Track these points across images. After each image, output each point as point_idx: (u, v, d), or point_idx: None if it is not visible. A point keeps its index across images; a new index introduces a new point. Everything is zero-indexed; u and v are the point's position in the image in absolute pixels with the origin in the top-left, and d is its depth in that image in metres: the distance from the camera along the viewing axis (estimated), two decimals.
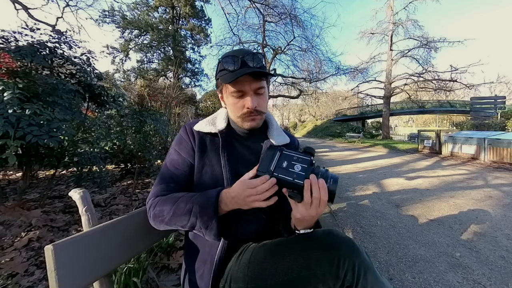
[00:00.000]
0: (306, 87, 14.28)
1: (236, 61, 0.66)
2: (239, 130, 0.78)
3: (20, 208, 2.10)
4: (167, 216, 0.64)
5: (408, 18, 17.80)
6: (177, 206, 0.64)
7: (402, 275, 1.59)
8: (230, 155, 0.72)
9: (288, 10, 11.45)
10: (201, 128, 0.75)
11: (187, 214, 0.62)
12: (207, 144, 0.74)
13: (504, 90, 23.29)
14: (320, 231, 0.65)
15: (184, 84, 17.22)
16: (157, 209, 0.67)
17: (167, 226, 0.66)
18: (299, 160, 0.59)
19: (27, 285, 1.29)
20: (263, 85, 0.70)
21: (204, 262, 0.69)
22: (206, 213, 0.60)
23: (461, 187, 3.88)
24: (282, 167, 0.58)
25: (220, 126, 0.75)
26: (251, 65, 0.67)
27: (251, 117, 0.71)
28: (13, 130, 1.51)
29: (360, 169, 5.76)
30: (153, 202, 0.69)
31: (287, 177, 0.56)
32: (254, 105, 0.68)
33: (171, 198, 0.67)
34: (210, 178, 0.71)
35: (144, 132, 2.93)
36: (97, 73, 2.78)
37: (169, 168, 0.74)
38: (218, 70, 0.72)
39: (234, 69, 0.66)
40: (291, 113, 49.38)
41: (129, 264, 1.29)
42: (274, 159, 0.59)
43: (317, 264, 0.58)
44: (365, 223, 2.46)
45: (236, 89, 0.68)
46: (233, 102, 0.70)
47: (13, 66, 1.95)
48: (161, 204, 0.67)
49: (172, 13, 17.07)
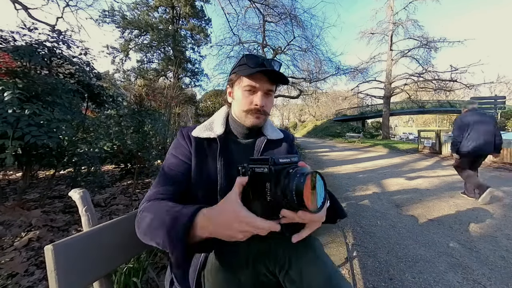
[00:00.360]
0: (306, 87, 14.26)
1: (258, 61, 0.71)
2: (238, 131, 0.79)
3: (20, 208, 2.10)
4: (145, 225, 0.58)
5: (408, 18, 17.84)
6: (156, 215, 0.57)
7: (402, 275, 1.59)
8: (227, 160, 0.73)
9: (288, 10, 11.43)
10: (199, 133, 0.76)
11: (161, 228, 0.53)
12: (204, 149, 0.75)
13: (504, 90, 23.28)
14: None
15: (184, 84, 17.20)
16: (142, 214, 0.61)
17: (145, 239, 0.58)
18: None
19: (27, 285, 1.29)
20: (274, 89, 0.76)
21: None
22: (176, 233, 0.50)
23: (461, 187, 3.86)
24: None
25: (218, 131, 0.76)
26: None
27: (256, 115, 0.74)
28: (12, 130, 1.51)
29: (360, 169, 5.76)
30: (144, 208, 0.64)
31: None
32: (263, 104, 0.72)
33: (158, 204, 0.62)
34: (205, 183, 0.70)
35: (143, 132, 2.93)
36: (96, 73, 2.78)
37: (166, 172, 0.73)
38: (238, 65, 0.75)
39: (255, 66, 0.70)
40: (291, 113, 49.40)
41: (129, 264, 1.29)
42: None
43: (253, 241, 0.53)
44: (365, 223, 2.46)
45: (250, 84, 0.72)
46: (243, 96, 0.74)
47: (12, 66, 1.95)
48: (147, 209, 0.62)
49: (172, 13, 17.06)
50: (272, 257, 0.58)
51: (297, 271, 0.55)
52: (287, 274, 0.57)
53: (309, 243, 0.58)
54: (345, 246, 1.98)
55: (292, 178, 0.43)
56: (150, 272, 1.37)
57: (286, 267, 0.57)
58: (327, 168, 6.14)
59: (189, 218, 0.51)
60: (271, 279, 0.60)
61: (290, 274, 0.56)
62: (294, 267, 0.55)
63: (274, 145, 0.82)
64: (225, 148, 0.75)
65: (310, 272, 0.55)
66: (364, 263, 1.75)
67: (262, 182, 0.47)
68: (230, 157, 0.74)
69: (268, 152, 0.80)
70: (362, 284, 1.51)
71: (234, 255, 0.60)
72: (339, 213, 0.68)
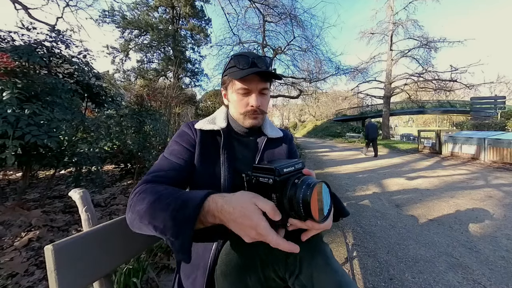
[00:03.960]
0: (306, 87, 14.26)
1: (247, 61, 0.69)
2: (238, 129, 0.79)
3: (20, 208, 2.10)
4: (145, 207, 0.52)
5: (408, 18, 17.79)
6: (159, 198, 0.52)
7: (402, 275, 1.59)
8: (230, 153, 0.73)
9: (288, 10, 11.44)
10: (202, 126, 0.75)
11: (163, 211, 0.49)
12: (208, 142, 0.74)
13: (504, 90, 23.30)
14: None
15: (184, 84, 17.20)
16: (140, 196, 0.56)
17: (141, 221, 0.52)
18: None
19: (27, 285, 1.29)
20: (268, 87, 0.74)
21: (197, 267, 0.66)
22: (184, 216, 0.47)
23: (461, 187, 3.88)
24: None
25: (221, 125, 0.76)
26: (260, 67, 0.70)
27: (254, 115, 0.74)
28: (12, 130, 1.51)
29: (360, 169, 5.76)
30: (141, 189, 0.58)
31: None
32: (258, 104, 0.71)
33: (159, 187, 0.58)
34: (208, 176, 0.70)
35: (143, 132, 2.93)
36: (95, 73, 2.78)
37: (168, 157, 0.70)
38: (228, 67, 0.74)
39: (245, 67, 0.69)
40: (291, 113, 49.38)
41: (129, 264, 1.29)
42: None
43: (262, 247, 0.53)
44: (365, 223, 2.46)
45: (243, 87, 0.70)
46: (238, 99, 0.73)
47: (11, 65, 1.95)
48: (146, 190, 0.57)
49: (172, 13, 17.06)
50: (282, 262, 0.56)
51: (307, 276, 0.54)
52: (297, 278, 0.55)
53: (320, 249, 0.57)
54: (345, 246, 1.98)
55: (298, 190, 0.43)
56: (150, 272, 1.37)
57: (296, 272, 0.55)
58: (327, 168, 6.14)
59: (201, 200, 0.48)
60: (279, 284, 0.59)
61: (300, 278, 0.55)
62: (305, 271, 0.54)
63: (274, 144, 0.82)
64: (228, 142, 0.75)
65: (320, 278, 0.54)
66: (364, 263, 1.75)
67: (268, 193, 0.47)
68: (232, 152, 0.74)
69: (269, 151, 0.79)
70: (362, 284, 1.51)
71: (242, 260, 0.59)
72: (341, 212, 0.68)
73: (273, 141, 0.82)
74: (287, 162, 0.51)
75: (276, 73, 0.73)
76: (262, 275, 0.57)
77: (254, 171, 0.51)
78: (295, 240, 0.49)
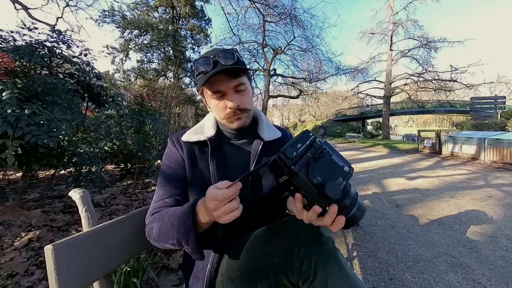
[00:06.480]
0: (306, 87, 14.29)
1: (207, 62, 0.63)
2: (228, 132, 0.77)
3: (20, 208, 2.10)
4: (156, 233, 0.62)
5: (408, 18, 17.80)
6: (163, 221, 0.61)
7: (402, 275, 1.59)
8: (220, 162, 0.71)
9: (288, 10, 11.46)
10: (189, 138, 0.73)
11: (170, 229, 0.58)
12: (196, 154, 0.73)
13: (504, 90, 23.32)
14: (284, 218, 0.63)
15: (184, 84, 17.19)
16: (149, 227, 0.65)
17: (160, 244, 0.63)
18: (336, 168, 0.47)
19: (27, 285, 1.29)
20: (243, 81, 0.68)
21: (197, 279, 0.68)
22: (184, 225, 0.55)
23: (461, 187, 3.88)
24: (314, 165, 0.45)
25: (208, 133, 0.73)
26: (223, 64, 0.63)
27: (236, 117, 0.69)
28: (12, 130, 1.51)
29: (360, 169, 5.75)
30: (149, 222, 0.67)
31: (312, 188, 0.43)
32: (236, 104, 0.66)
33: (161, 213, 0.65)
34: (200, 188, 0.69)
35: (143, 132, 2.93)
36: (96, 73, 2.78)
37: (163, 184, 0.72)
38: (196, 75, 0.69)
39: (207, 70, 0.63)
40: (291, 113, 49.36)
41: (129, 264, 1.29)
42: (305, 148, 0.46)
43: (275, 253, 0.55)
44: (365, 223, 2.46)
45: (213, 91, 0.66)
46: (215, 104, 0.69)
47: (12, 65, 1.95)
48: (152, 221, 0.65)
49: (172, 13, 17.05)
50: (296, 269, 0.55)
51: (321, 282, 0.53)
52: (311, 284, 0.55)
53: (333, 254, 0.57)
54: (345, 246, 1.98)
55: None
56: (150, 272, 1.36)
57: (311, 278, 0.54)
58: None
59: (190, 207, 0.56)
60: None
61: (314, 284, 0.54)
62: (319, 277, 0.54)
63: (272, 147, 0.76)
64: (217, 150, 0.72)
65: (335, 284, 0.53)
66: (364, 263, 1.75)
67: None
68: (223, 159, 0.72)
69: (266, 158, 0.74)
70: None
71: (252, 265, 0.59)
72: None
73: (270, 143, 0.76)
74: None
75: (241, 66, 0.65)
76: (274, 281, 0.56)
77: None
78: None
